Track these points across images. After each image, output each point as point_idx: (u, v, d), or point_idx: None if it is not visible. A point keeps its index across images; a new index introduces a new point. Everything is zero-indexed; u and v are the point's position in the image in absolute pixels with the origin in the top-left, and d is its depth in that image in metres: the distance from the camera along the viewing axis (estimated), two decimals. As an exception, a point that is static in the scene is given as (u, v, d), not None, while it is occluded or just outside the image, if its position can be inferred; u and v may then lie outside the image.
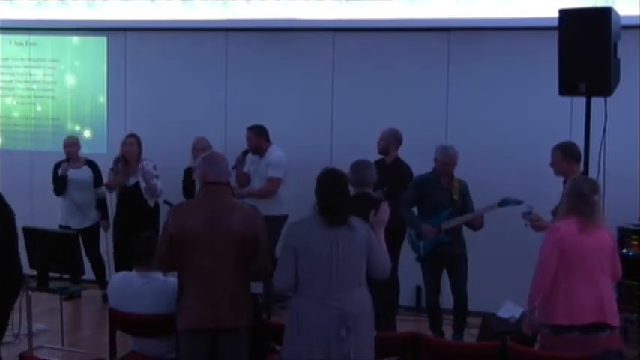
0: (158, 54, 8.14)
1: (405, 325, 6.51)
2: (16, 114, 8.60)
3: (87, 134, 8.25)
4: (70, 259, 5.77)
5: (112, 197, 7.51)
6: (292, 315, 4.01)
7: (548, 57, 5.55)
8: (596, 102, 5.23)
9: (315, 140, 7.61)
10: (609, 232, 4.42)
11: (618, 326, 4.31)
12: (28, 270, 5.81)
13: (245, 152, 7.17)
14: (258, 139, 7.10)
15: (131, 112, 8.21)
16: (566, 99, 5.84)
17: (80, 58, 8.40)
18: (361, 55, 7.59)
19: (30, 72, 8.52)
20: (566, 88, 5.23)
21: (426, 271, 6.38)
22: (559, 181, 5.64)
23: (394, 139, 6.69)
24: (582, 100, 5.30)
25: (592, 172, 5.20)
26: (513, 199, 5.98)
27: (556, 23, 5.24)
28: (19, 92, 8.57)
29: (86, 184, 7.52)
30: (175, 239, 4.19)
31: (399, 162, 6.65)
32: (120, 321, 4.71)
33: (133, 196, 7.22)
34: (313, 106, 7.72)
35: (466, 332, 6.35)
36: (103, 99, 8.33)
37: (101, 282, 7.49)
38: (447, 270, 6.36)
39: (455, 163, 6.23)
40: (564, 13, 5.22)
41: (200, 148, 6.99)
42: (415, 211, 6.35)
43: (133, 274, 4.70)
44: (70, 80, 8.43)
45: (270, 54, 7.86)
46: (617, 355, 4.22)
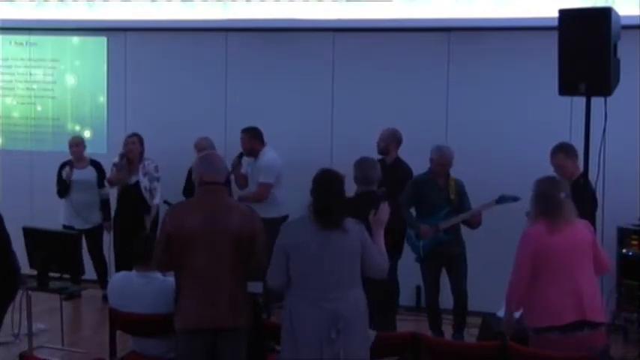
0: (158, 54, 8.14)
1: (405, 325, 6.50)
2: (16, 114, 8.60)
3: (87, 134, 8.24)
4: (70, 259, 5.77)
5: (113, 196, 7.51)
6: (286, 314, 4.03)
7: (548, 57, 5.54)
8: (596, 102, 5.22)
9: (315, 140, 7.61)
10: (587, 225, 4.40)
11: (603, 323, 4.27)
12: (28, 270, 5.83)
13: (240, 155, 7.16)
14: (253, 141, 7.07)
15: (131, 112, 8.21)
16: (566, 99, 5.83)
17: (80, 58, 8.40)
18: (361, 55, 7.59)
19: (30, 72, 8.52)
20: (566, 88, 5.22)
21: (425, 271, 6.40)
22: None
23: (394, 139, 6.70)
24: (582, 100, 5.29)
25: (592, 172, 5.19)
26: (510, 195, 5.99)
27: (556, 23, 5.23)
28: (19, 92, 8.57)
29: (90, 184, 7.52)
30: (173, 239, 4.18)
31: (399, 162, 6.66)
32: (120, 321, 4.71)
33: (133, 195, 7.24)
34: (313, 106, 7.72)
35: (466, 332, 6.36)
36: (103, 99, 8.33)
37: (103, 282, 7.49)
38: (446, 270, 6.37)
39: (450, 164, 6.24)
40: (564, 13, 5.21)
41: (200, 148, 6.99)
42: (413, 211, 6.36)
43: (133, 274, 4.69)
44: (70, 80, 8.43)
45: (270, 54, 7.86)
46: (603, 353, 4.19)
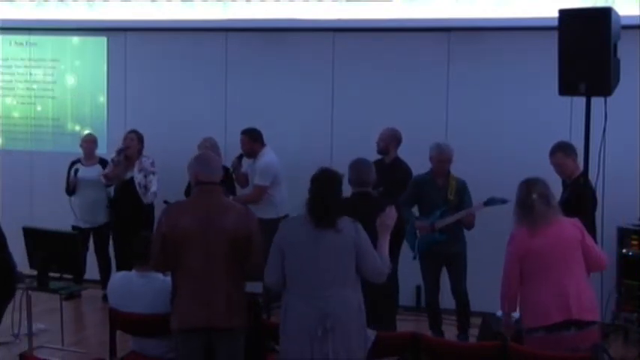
0: (158, 54, 8.14)
1: (405, 325, 6.50)
2: (16, 114, 8.60)
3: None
4: (70, 259, 5.77)
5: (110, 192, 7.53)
6: (282, 312, 4.05)
7: (548, 57, 5.54)
8: (596, 102, 5.22)
9: (315, 140, 7.61)
10: (573, 223, 4.38)
11: (593, 321, 4.25)
12: (28, 270, 5.83)
13: (240, 157, 7.15)
14: (253, 143, 7.07)
15: (131, 112, 8.20)
16: (566, 99, 5.83)
17: (80, 58, 8.40)
18: (361, 55, 7.59)
19: (30, 72, 8.51)
20: (566, 88, 5.22)
21: (424, 270, 6.40)
22: (558, 181, 5.65)
23: (394, 139, 6.70)
24: (582, 100, 5.29)
25: (592, 172, 5.19)
26: (499, 198, 6.00)
27: (556, 23, 5.23)
28: (19, 92, 8.57)
29: (97, 182, 7.52)
30: (168, 239, 4.19)
31: (398, 161, 6.65)
32: (120, 321, 4.71)
33: (129, 191, 7.25)
34: (313, 106, 7.71)
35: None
36: (103, 99, 8.32)
37: (106, 282, 7.48)
38: (446, 269, 6.36)
39: (449, 160, 6.23)
40: (564, 13, 5.21)
41: (204, 148, 7.00)
42: (415, 211, 6.36)
43: (133, 273, 4.70)
44: (70, 80, 8.43)
45: (270, 54, 7.86)
46: (595, 350, 4.16)
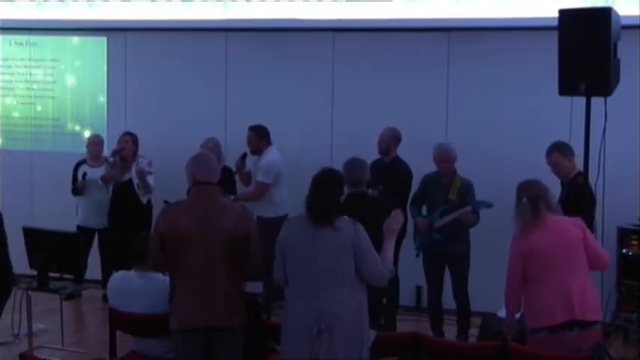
0: (158, 54, 8.14)
1: (405, 325, 6.52)
2: (16, 114, 8.60)
3: (87, 134, 8.22)
4: (70, 259, 5.77)
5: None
6: (283, 312, 4.07)
7: (548, 57, 5.54)
8: (596, 102, 5.22)
9: (315, 140, 7.61)
10: (575, 222, 4.37)
11: (596, 321, 4.25)
12: (28, 270, 5.83)
13: (243, 156, 7.16)
14: (259, 140, 7.09)
15: (131, 112, 8.21)
16: (566, 99, 5.83)
17: (80, 58, 8.40)
18: (361, 55, 7.59)
19: (30, 72, 8.51)
20: (566, 88, 5.23)
21: (426, 270, 6.40)
22: (557, 180, 5.65)
23: (394, 139, 6.69)
24: (582, 100, 5.29)
25: (592, 172, 5.19)
26: (485, 202, 6.03)
27: (556, 23, 5.24)
28: (19, 92, 8.57)
29: None
30: (166, 239, 4.19)
31: (398, 161, 6.65)
32: (120, 321, 4.71)
33: (126, 193, 7.25)
34: (313, 106, 7.71)
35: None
36: (103, 99, 8.32)
37: (107, 282, 7.47)
38: (448, 269, 6.35)
39: (450, 160, 6.22)
40: (564, 13, 5.21)
41: (204, 148, 7.00)
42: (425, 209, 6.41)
43: (132, 273, 4.69)
44: (70, 80, 8.43)
45: (270, 54, 7.86)
46: (596, 350, 4.17)
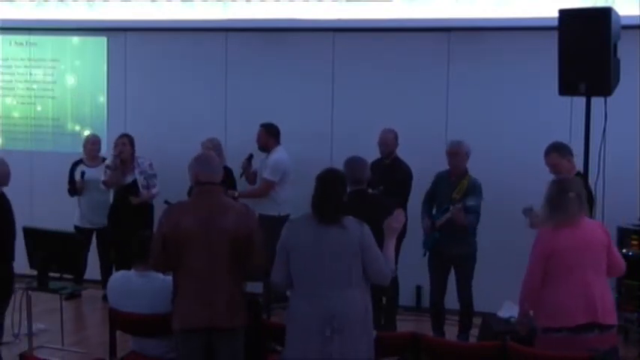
0: (158, 54, 8.14)
1: (405, 325, 6.52)
2: (16, 114, 8.59)
3: (87, 134, 8.23)
4: (70, 259, 5.77)
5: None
6: (287, 314, 4.05)
7: (548, 57, 5.55)
8: (596, 102, 5.23)
9: (315, 140, 7.61)
10: (601, 226, 4.38)
11: (614, 325, 4.26)
12: (28, 270, 5.83)
13: (249, 157, 7.16)
14: (268, 137, 7.11)
15: (131, 112, 8.21)
16: (566, 99, 5.83)
17: (80, 58, 8.40)
18: (361, 55, 7.59)
19: (30, 72, 8.51)
20: (566, 88, 5.23)
21: (430, 269, 6.36)
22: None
23: (395, 140, 6.68)
24: (582, 100, 5.30)
25: (592, 172, 5.19)
26: (473, 205, 6.00)
27: (556, 23, 5.25)
28: (19, 92, 8.56)
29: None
30: (169, 239, 4.18)
31: (398, 161, 6.65)
32: (120, 321, 4.71)
33: (127, 194, 7.24)
34: (313, 106, 7.71)
35: (467, 332, 6.36)
36: (103, 99, 8.32)
37: (106, 282, 7.48)
38: (454, 270, 6.33)
39: (458, 154, 6.16)
40: (564, 13, 5.22)
41: (206, 148, 7.01)
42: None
43: (132, 273, 4.70)
44: (70, 80, 8.43)
45: (270, 54, 7.85)
46: (610, 353, 4.18)
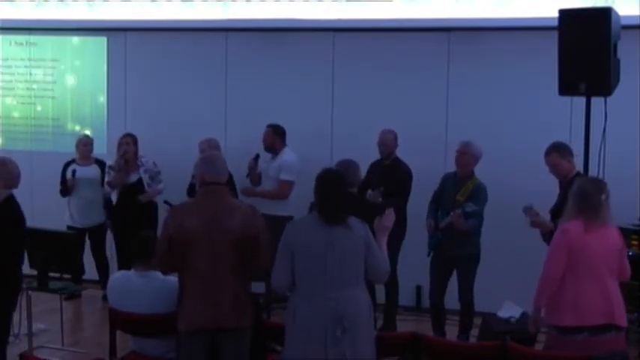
0: (158, 54, 8.14)
1: (405, 325, 6.52)
2: (16, 114, 8.60)
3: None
4: (70, 259, 5.77)
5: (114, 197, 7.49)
6: (290, 314, 4.02)
7: (548, 57, 5.55)
8: (596, 102, 5.23)
9: (315, 140, 7.61)
10: (617, 231, 4.38)
11: (625, 327, 4.28)
12: (28, 270, 5.83)
13: (256, 157, 7.15)
14: (274, 137, 7.10)
15: (131, 112, 8.21)
16: (566, 99, 5.83)
17: (80, 58, 8.40)
18: (361, 55, 7.59)
19: (30, 72, 8.51)
20: (566, 88, 5.23)
21: (431, 269, 6.33)
22: (556, 181, 5.65)
23: (394, 141, 6.67)
24: (582, 100, 5.30)
25: (592, 172, 5.19)
26: (472, 209, 5.98)
27: (556, 23, 5.25)
28: (19, 92, 8.57)
29: (94, 182, 7.55)
30: (175, 240, 4.18)
31: (397, 162, 6.63)
32: (120, 321, 4.70)
33: (133, 194, 7.24)
34: (313, 106, 7.71)
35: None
36: (103, 99, 8.32)
37: (104, 282, 7.48)
38: (456, 271, 6.30)
39: (466, 153, 6.13)
40: (564, 13, 5.22)
41: (201, 149, 7.02)
42: None
43: (132, 273, 4.69)
44: (70, 80, 8.43)
45: (270, 54, 7.86)
46: (622, 355, 4.20)
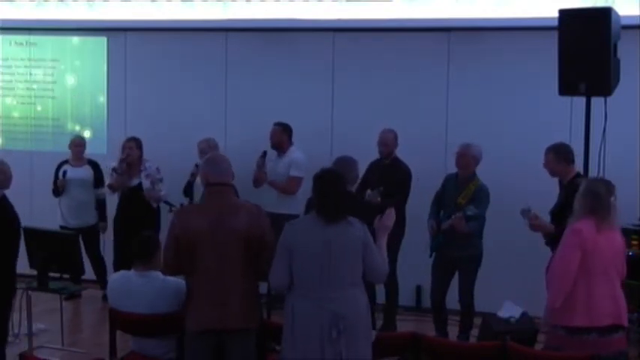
0: (158, 54, 8.14)
1: (405, 325, 6.52)
2: (16, 114, 8.60)
3: (87, 134, 8.23)
4: (70, 259, 5.77)
5: (114, 198, 7.46)
6: (287, 314, 4.01)
7: (548, 57, 5.55)
8: (596, 102, 5.23)
9: (315, 140, 7.60)
10: (620, 233, 4.40)
11: (626, 326, 4.30)
12: (28, 270, 5.84)
13: (264, 154, 7.11)
14: (282, 135, 7.11)
15: (131, 112, 8.21)
16: (566, 99, 5.84)
17: (80, 58, 8.40)
18: (361, 55, 7.59)
19: (30, 72, 8.51)
20: (566, 88, 5.24)
21: (432, 269, 6.31)
22: (556, 181, 5.65)
23: (395, 140, 6.67)
24: (582, 100, 5.30)
25: (592, 172, 5.19)
26: (473, 213, 5.94)
27: (556, 23, 5.25)
28: (19, 92, 8.57)
29: (86, 183, 7.55)
30: (181, 241, 4.17)
31: (397, 161, 6.62)
32: (120, 321, 4.70)
33: (135, 197, 7.22)
34: (313, 106, 7.71)
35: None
36: (103, 99, 8.32)
37: (102, 282, 7.49)
38: (457, 272, 6.27)
39: (466, 155, 6.11)
40: (564, 13, 5.22)
41: (200, 149, 7.01)
42: None
43: (132, 273, 4.69)
44: (70, 80, 8.43)
45: (270, 54, 7.86)
46: (626, 355, 4.22)
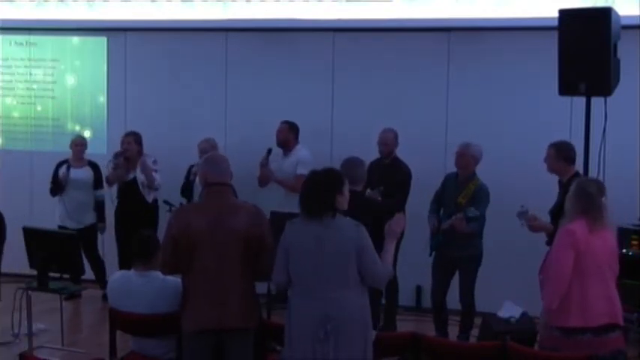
0: (158, 54, 8.14)
1: (405, 325, 6.52)
2: (16, 114, 8.59)
3: (87, 134, 8.23)
4: (70, 259, 5.77)
5: (112, 196, 7.48)
6: (288, 313, 4.05)
7: (548, 57, 5.55)
8: (596, 102, 5.23)
9: (315, 140, 7.60)
10: (612, 232, 4.40)
11: (623, 326, 4.31)
12: (28, 270, 5.84)
13: (269, 152, 7.07)
14: (289, 134, 7.11)
15: (131, 112, 8.21)
16: (566, 99, 5.84)
17: (80, 58, 8.40)
18: (361, 55, 7.59)
19: (30, 72, 8.51)
20: (566, 88, 5.24)
21: (433, 269, 6.31)
22: (555, 181, 5.65)
23: (395, 140, 6.67)
24: (582, 100, 5.30)
25: (592, 172, 5.19)
26: (473, 214, 5.91)
27: (556, 23, 5.25)
28: (19, 92, 8.57)
29: (86, 184, 7.56)
30: (179, 241, 4.17)
31: (397, 161, 6.62)
32: (120, 321, 4.70)
33: (132, 191, 7.26)
34: (313, 106, 7.71)
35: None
36: (103, 99, 8.32)
37: (101, 282, 7.49)
38: (458, 272, 6.27)
39: (465, 155, 6.10)
40: (564, 13, 5.22)
41: (200, 149, 7.01)
42: None
43: (132, 273, 4.69)
44: (70, 80, 8.43)
45: (270, 54, 7.86)
46: (624, 354, 4.22)
